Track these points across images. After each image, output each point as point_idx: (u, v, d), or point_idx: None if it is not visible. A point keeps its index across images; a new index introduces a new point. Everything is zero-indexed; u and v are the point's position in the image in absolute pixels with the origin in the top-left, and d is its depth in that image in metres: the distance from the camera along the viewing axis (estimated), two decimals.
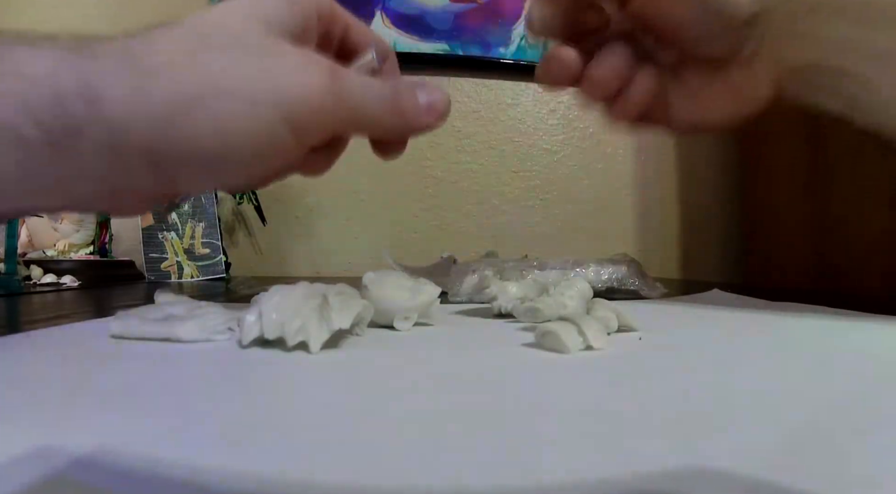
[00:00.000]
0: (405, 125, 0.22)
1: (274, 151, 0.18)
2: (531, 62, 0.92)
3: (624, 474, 0.08)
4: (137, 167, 0.16)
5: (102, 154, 0.15)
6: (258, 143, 0.17)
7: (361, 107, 0.20)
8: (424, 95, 0.22)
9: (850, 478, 0.08)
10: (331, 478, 0.08)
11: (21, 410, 0.12)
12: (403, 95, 0.21)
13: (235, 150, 0.17)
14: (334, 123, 0.19)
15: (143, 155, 0.16)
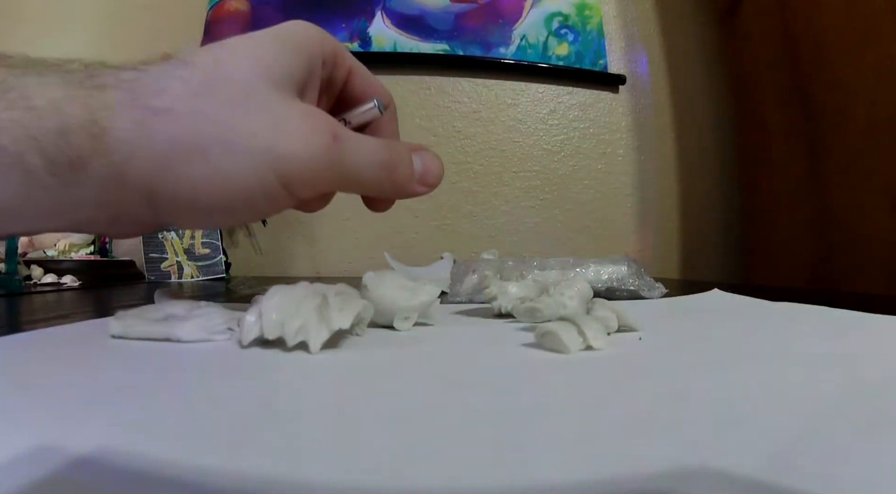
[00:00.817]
0: (397, 193, 0.22)
1: (266, 204, 0.18)
2: (531, 62, 0.92)
3: (624, 474, 0.08)
4: (137, 202, 0.17)
5: (104, 187, 0.16)
6: (252, 196, 0.18)
7: (357, 172, 0.20)
8: (420, 163, 0.22)
9: (850, 478, 0.08)
10: (331, 478, 0.08)
11: (21, 410, 0.12)
12: (399, 163, 0.21)
13: (229, 200, 0.17)
14: (328, 185, 0.19)
15: (141, 191, 0.16)
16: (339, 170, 0.19)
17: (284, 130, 0.18)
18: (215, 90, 0.17)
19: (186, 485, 0.08)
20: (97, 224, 0.18)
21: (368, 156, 0.20)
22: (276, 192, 0.18)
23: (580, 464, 0.09)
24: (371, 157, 0.20)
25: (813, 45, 0.73)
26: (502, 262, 0.38)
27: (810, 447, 0.09)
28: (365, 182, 0.20)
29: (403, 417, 0.11)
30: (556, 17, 0.94)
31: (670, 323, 0.24)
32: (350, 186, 0.20)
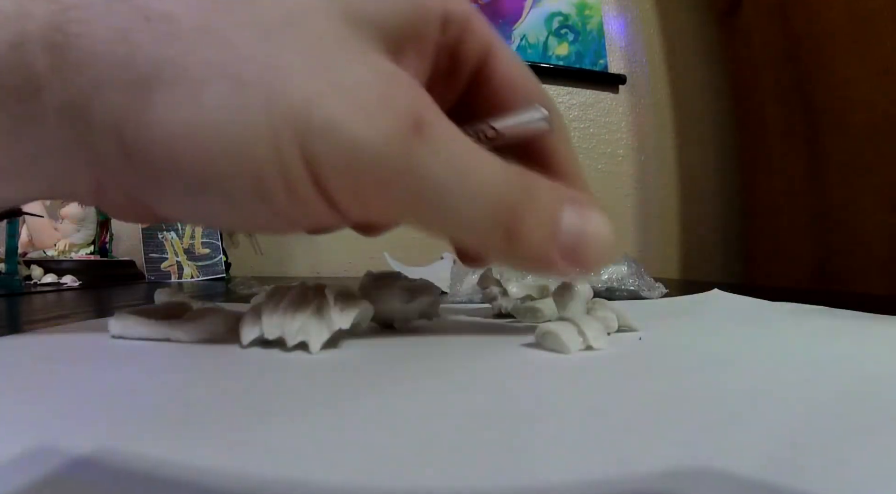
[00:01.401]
0: (514, 257, 0.13)
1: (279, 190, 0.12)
2: (531, 62, 0.92)
3: (624, 474, 0.08)
4: (110, 153, 0.12)
5: (65, 124, 0.11)
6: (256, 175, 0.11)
7: (442, 197, 0.12)
8: (575, 221, 0.13)
9: (850, 478, 0.08)
10: (331, 478, 0.08)
11: (21, 410, 0.12)
12: (531, 209, 0.12)
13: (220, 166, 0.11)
14: (390, 203, 0.12)
15: (110, 135, 0.11)
16: (414, 183, 0.11)
17: (337, 86, 0.11)
18: (246, 2, 0.11)
19: (186, 485, 0.08)
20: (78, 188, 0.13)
21: (474, 177, 0.12)
22: (297, 178, 0.11)
23: (580, 464, 0.09)
24: (479, 181, 0.12)
25: (813, 45, 0.73)
26: None
27: (810, 447, 0.09)
28: (461, 222, 0.12)
29: (404, 417, 0.11)
30: (557, 17, 0.94)
31: (670, 323, 0.24)
32: (431, 219, 0.12)
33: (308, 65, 0.11)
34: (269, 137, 0.11)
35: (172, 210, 0.13)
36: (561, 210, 0.13)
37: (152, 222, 0.16)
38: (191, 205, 0.13)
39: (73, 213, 0.69)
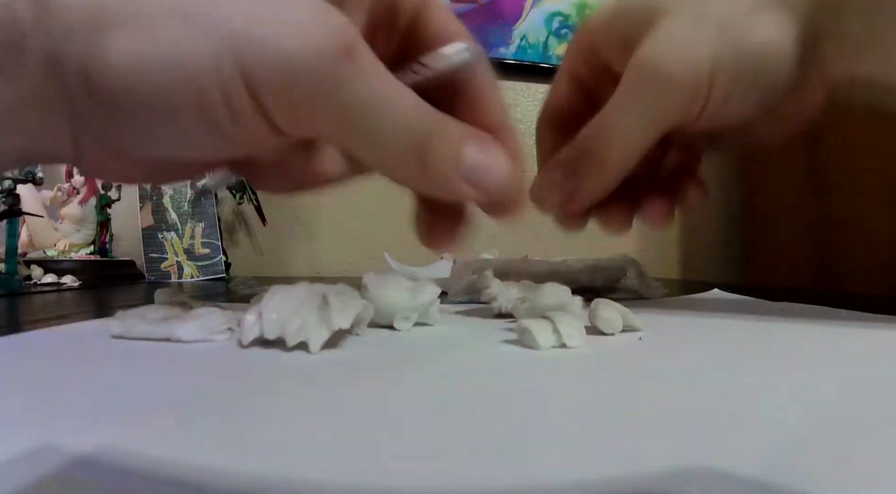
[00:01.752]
0: (424, 181, 0.15)
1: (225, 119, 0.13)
2: (532, 62, 0.92)
3: (624, 474, 0.08)
4: (80, 97, 0.13)
5: (46, 73, 0.12)
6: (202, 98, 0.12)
7: (367, 119, 0.13)
8: (476, 154, 0.14)
9: (851, 478, 0.08)
10: (330, 478, 0.08)
11: (21, 410, 0.12)
12: (440, 139, 0.14)
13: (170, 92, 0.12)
14: (320, 122, 0.13)
15: (79, 78, 0.12)
16: (341, 104, 0.13)
17: (273, 11, 0.12)
18: None
19: (186, 485, 0.08)
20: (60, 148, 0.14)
21: (395, 104, 0.13)
22: (237, 97, 0.12)
23: (580, 464, 0.09)
24: (398, 108, 0.13)
25: None
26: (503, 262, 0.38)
27: (810, 447, 0.09)
28: (380, 146, 0.13)
29: (403, 417, 0.11)
30: (557, 17, 0.94)
31: (670, 323, 0.24)
32: (355, 142, 0.14)
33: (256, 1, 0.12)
34: (211, 61, 0.12)
35: (136, 146, 0.14)
36: (465, 144, 0.15)
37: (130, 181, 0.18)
38: (149, 137, 0.14)
39: (73, 213, 0.69)
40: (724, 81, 0.21)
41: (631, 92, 0.22)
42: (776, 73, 0.21)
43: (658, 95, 0.21)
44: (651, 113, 0.22)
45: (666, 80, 0.21)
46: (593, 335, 0.21)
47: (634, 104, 0.22)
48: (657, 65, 0.21)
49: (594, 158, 0.23)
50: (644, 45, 0.22)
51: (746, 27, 0.21)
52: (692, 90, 0.21)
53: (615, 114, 0.22)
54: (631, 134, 0.22)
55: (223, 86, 0.12)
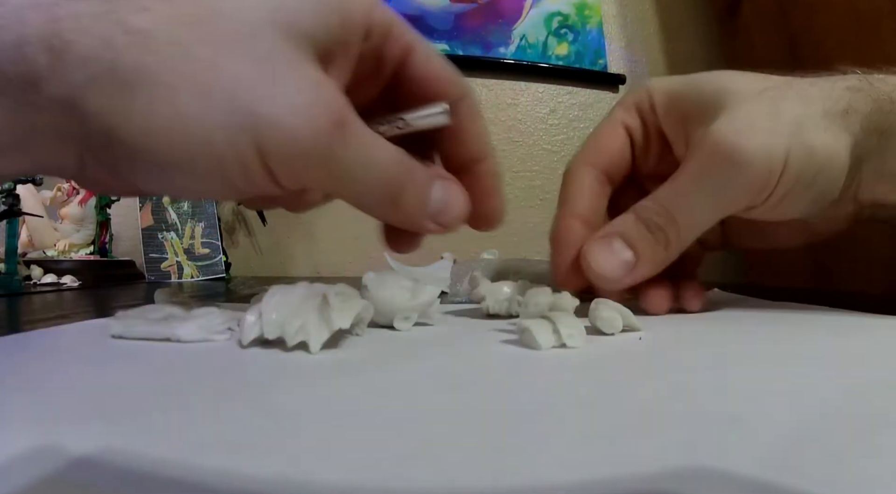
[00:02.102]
0: (399, 222, 0.18)
1: (239, 175, 0.15)
2: (531, 62, 0.92)
3: (624, 474, 0.08)
4: (98, 140, 0.14)
5: (61, 113, 0.14)
6: (219, 159, 0.15)
7: (354, 179, 0.16)
8: (441, 195, 0.18)
9: (851, 478, 0.08)
10: (330, 478, 0.08)
11: (21, 410, 0.12)
12: (410, 187, 0.17)
13: (191, 157, 0.14)
14: (315, 179, 0.16)
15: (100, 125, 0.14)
16: (333, 167, 0.16)
17: (279, 93, 0.14)
18: (208, 21, 0.14)
19: (186, 485, 0.08)
20: (63, 166, 0.15)
21: (375, 164, 0.16)
22: (250, 163, 0.15)
23: (580, 464, 0.09)
24: (377, 167, 0.16)
25: (813, 45, 0.73)
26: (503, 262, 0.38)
27: (810, 447, 0.09)
28: (361, 195, 0.17)
29: (403, 417, 0.11)
30: (556, 16, 0.94)
31: (670, 323, 0.24)
32: (343, 192, 0.17)
33: (258, 75, 0.14)
34: (229, 133, 0.14)
35: (146, 184, 0.16)
36: (431, 187, 0.18)
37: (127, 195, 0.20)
38: (163, 180, 0.16)
39: (73, 213, 0.69)
40: (790, 176, 0.22)
41: (705, 170, 0.22)
42: (833, 180, 0.22)
43: (734, 176, 0.22)
44: (723, 194, 0.22)
45: (745, 162, 0.21)
46: (593, 335, 0.21)
47: (708, 183, 0.22)
48: (737, 146, 0.21)
49: (661, 231, 0.23)
50: (721, 124, 0.22)
51: (815, 131, 0.22)
52: (766, 178, 0.22)
53: (687, 190, 0.22)
54: (701, 213, 0.23)
55: (239, 154, 0.15)
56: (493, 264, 0.37)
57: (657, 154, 0.28)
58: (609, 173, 0.27)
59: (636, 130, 0.27)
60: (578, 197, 0.27)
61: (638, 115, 0.27)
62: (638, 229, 0.23)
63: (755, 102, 0.22)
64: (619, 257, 0.23)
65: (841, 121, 0.22)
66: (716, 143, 0.22)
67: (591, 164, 0.28)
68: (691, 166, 0.23)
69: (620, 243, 0.23)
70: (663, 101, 0.26)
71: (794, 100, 0.22)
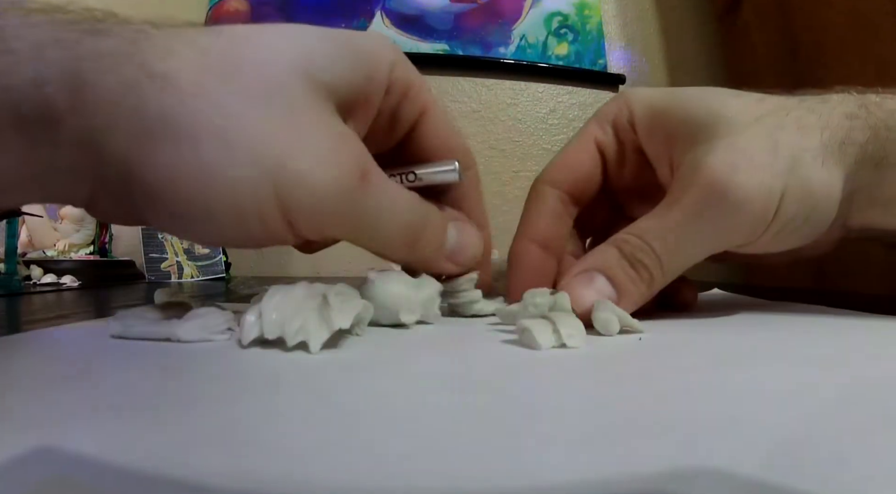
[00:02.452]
0: (417, 264, 0.19)
1: (258, 228, 0.15)
2: (531, 62, 0.92)
3: (624, 474, 0.08)
4: (114, 180, 0.14)
5: (79, 152, 0.14)
6: (241, 211, 0.15)
7: (375, 227, 0.17)
8: (455, 237, 0.19)
9: (850, 478, 0.08)
10: (330, 478, 0.08)
11: (21, 410, 0.12)
12: (427, 231, 0.18)
13: (211, 208, 0.14)
14: (337, 229, 0.16)
15: (118, 167, 0.14)
16: (357, 218, 0.16)
17: (305, 146, 0.15)
18: (235, 72, 0.14)
19: (186, 485, 0.08)
20: (75, 198, 0.15)
21: (395, 211, 0.17)
22: (270, 216, 0.15)
23: (580, 464, 0.09)
24: (397, 213, 0.17)
25: (813, 45, 0.73)
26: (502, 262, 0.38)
27: (810, 447, 0.09)
28: (382, 241, 0.18)
29: (404, 417, 0.11)
30: (556, 16, 0.94)
31: (670, 323, 0.24)
32: (362, 239, 0.17)
33: (282, 129, 0.14)
34: (252, 186, 0.14)
35: (159, 224, 0.16)
36: (446, 229, 0.19)
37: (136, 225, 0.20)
38: (178, 225, 0.16)
39: (73, 213, 0.69)
40: (784, 215, 0.21)
41: (698, 209, 0.21)
42: (825, 215, 0.22)
43: (729, 216, 0.21)
44: (715, 234, 0.21)
45: (741, 201, 0.20)
46: (593, 335, 0.21)
47: (700, 222, 0.21)
48: (733, 185, 0.20)
49: (645, 270, 0.22)
50: (716, 157, 0.21)
51: (813, 167, 0.21)
52: (762, 218, 0.21)
53: (677, 228, 0.21)
54: (690, 252, 0.22)
55: (260, 206, 0.15)
56: (493, 263, 0.37)
57: (633, 171, 0.26)
58: (574, 194, 0.26)
59: (609, 147, 0.26)
60: (537, 219, 0.26)
61: (613, 130, 0.26)
62: (621, 266, 0.22)
63: (752, 132, 0.21)
64: (601, 295, 0.22)
65: (837, 153, 0.21)
66: (711, 179, 0.21)
67: (556, 184, 0.26)
68: (683, 203, 0.21)
69: (603, 281, 0.22)
70: (645, 118, 0.24)
71: (792, 130, 0.21)
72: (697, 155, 0.21)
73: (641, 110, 0.24)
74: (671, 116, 0.23)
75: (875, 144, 0.21)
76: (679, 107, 0.23)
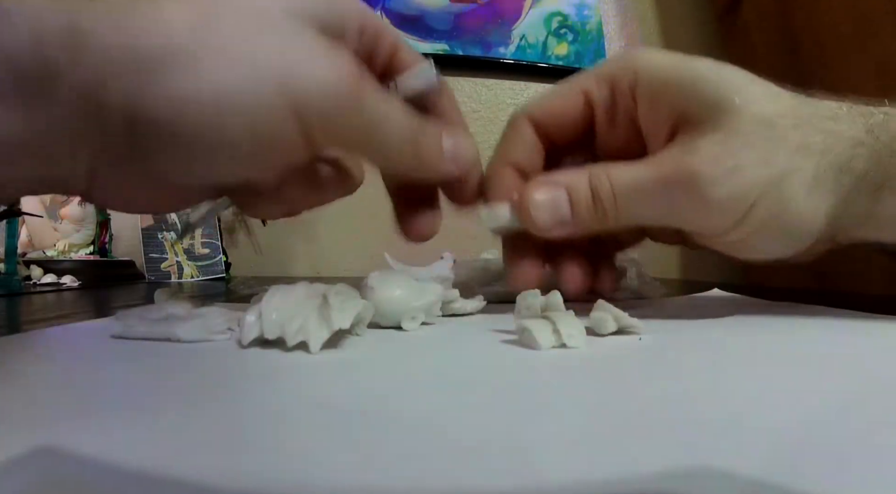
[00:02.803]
0: (422, 168, 0.20)
1: (273, 140, 0.16)
2: (531, 62, 0.92)
3: (624, 474, 0.08)
4: (114, 131, 0.14)
5: (79, 106, 0.14)
6: (254, 122, 0.15)
7: (379, 127, 0.17)
8: (451, 141, 0.20)
9: (850, 478, 0.08)
10: (330, 478, 0.08)
11: (21, 410, 0.12)
12: (427, 135, 0.19)
13: (222, 123, 0.14)
14: (346, 133, 0.17)
15: (120, 113, 0.14)
16: (362, 116, 0.17)
17: (307, 56, 0.16)
18: (227, 6, 0.15)
19: (186, 485, 0.08)
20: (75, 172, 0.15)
21: (393, 113, 0.18)
22: (285, 123, 0.15)
23: (580, 464, 0.09)
24: (395, 115, 0.18)
25: (813, 45, 0.73)
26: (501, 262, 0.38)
27: (810, 447, 0.09)
28: (386, 144, 0.18)
29: (404, 416, 0.11)
30: (556, 16, 0.94)
31: (670, 323, 0.24)
32: (372, 146, 0.18)
33: (282, 45, 0.15)
34: (265, 97, 0.15)
35: (167, 170, 0.16)
36: (441, 134, 0.20)
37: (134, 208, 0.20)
38: (185, 161, 0.15)
39: (73, 213, 0.69)
40: (752, 223, 0.21)
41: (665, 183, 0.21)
42: (804, 236, 0.22)
43: (691, 202, 0.21)
44: (672, 211, 0.22)
45: (706, 196, 0.21)
46: (593, 335, 0.21)
47: (662, 195, 0.21)
48: (706, 178, 0.20)
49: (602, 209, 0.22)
50: (706, 145, 0.21)
51: (798, 190, 0.21)
52: (723, 219, 0.21)
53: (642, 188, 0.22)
54: (645, 212, 0.22)
55: (274, 116, 0.15)
56: (493, 263, 0.37)
57: (622, 136, 0.25)
58: (548, 133, 0.26)
59: (600, 106, 0.25)
60: (513, 147, 0.26)
61: (610, 91, 0.25)
62: (585, 195, 0.22)
63: (752, 137, 0.21)
64: (557, 212, 0.22)
65: (832, 181, 0.21)
66: (689, 162, 0.21)
67: (533, 119, 0.26)
68: (658, 170, 0.22)
69: (564, 199, 0.22)
70: (650, 88, 0.23)
71: (791, 148, 0.21)
72: (693, 137, 0.21)
73: (647, 79, 0.23)
74: (680, 93, 0.22)
75: (877, 170, 0.21)
76: (690, 85, 0.22)
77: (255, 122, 0.15)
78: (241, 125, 0.15)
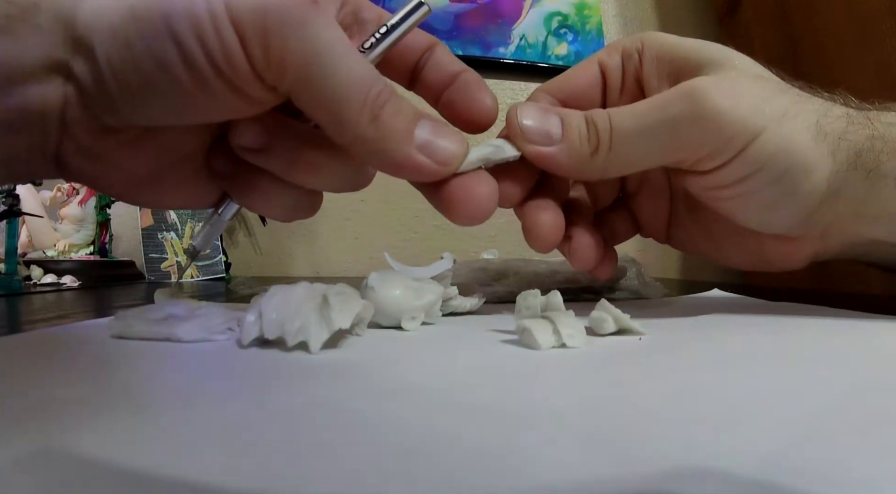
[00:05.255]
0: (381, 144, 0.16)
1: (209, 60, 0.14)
2: (531, 62, 0.92)
3: (624, 474, 0.08)
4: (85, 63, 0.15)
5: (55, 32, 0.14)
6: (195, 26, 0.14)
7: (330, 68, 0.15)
8: (428, 131, 0.17)
9: (850, 478, 0.08)
10: (330, 478, 0.08)
11: (21, 410, 0.12)
12: (392, 104, 0.16)
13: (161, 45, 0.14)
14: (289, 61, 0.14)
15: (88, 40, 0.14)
16: (307, 37, 0.14)
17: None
18: None
19: (186, 485, 0.08)
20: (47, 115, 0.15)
21: (348, 54, 0.15)
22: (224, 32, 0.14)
23: (580, 464, 0.09)
24: (352, 59, 0.15)
25: (813, 45, 0.73)
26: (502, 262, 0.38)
27: (810, 447, 0.09)
28: (334, 87, 0.15)
29: (403, 417, 0.11)
30: (556, 16, 0.94)
31: (670, 323, 0.24)
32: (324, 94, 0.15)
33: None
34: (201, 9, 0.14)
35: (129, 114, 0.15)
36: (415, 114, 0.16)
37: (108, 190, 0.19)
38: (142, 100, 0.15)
39: (73, 213, 0.69)
40: (755, 156, 0.21)
41: (668, 103, 0.21)
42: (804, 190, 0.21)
43: (695, 121, 0.20)
44: (673, 133, 0.21)
45: (711, 112, 0.20)
46: (593, 335, 0.21)
47: (664, 115, 0.21)
48: (710, 95, 0.20)
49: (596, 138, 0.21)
50: (708, 77, 0.21)
51: (802, 132, 0.21)
52: (729, 140, 0.20)
53: (641, 114, 0.21)
54: (644, 144, 0.21)
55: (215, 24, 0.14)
56: (492, 264, 0.37)
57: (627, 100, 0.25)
58: (566, 103, 0.26)
59: (613, 72, 0.26)
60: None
61: (621, 58, 0.26)
62: (578, 123, 0.22)
63: (753, 80, 0.21)
64: (546, 127, 0.21)
65: (831, 143, 0.21)
66: (693, 86, 0.21)
67: (551, 92, 0.26)
68: (655, 98, 0.22)
69: (556, 120, 0.22)
70: (654, 48, 0.25)
71: (794, 96, 0.21)
72: (693, 79, 0.21)
73: (653, 42, 0.25)
74: (681, 49, 0.24)
75: (871, 153, 0.21)
76: (692, 43, 0.24)
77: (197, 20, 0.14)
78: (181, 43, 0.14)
